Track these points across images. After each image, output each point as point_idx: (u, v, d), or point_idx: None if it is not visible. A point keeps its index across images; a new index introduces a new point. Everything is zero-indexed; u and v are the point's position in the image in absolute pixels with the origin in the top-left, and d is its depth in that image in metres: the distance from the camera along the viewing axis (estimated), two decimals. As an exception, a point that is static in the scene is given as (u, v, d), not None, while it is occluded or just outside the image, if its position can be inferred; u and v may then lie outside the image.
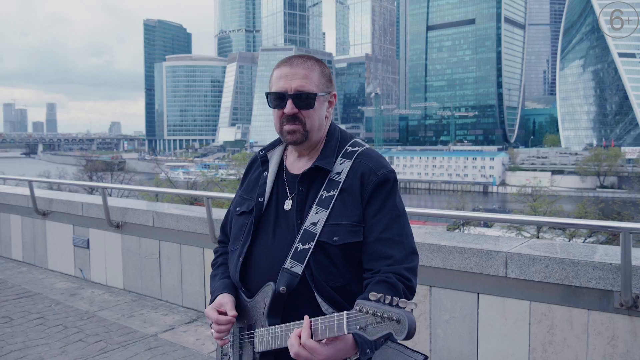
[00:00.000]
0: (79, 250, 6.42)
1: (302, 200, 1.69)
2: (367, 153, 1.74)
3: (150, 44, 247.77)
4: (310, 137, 1.72)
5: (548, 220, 4.61)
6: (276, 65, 1.79)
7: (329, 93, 1.77)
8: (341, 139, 1.79)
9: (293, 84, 1.69)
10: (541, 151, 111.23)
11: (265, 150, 1.89)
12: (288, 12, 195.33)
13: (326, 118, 1.77)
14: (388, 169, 1.70)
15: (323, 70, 1.76)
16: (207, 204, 4.75)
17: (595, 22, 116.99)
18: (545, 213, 31.12)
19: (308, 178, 1.71)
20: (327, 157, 1.72)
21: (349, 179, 1.67)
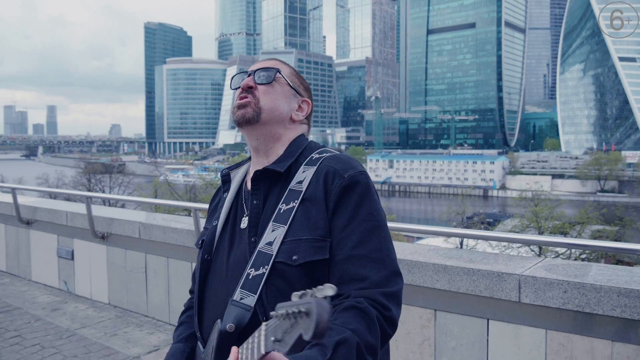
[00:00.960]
0: (63, 261, 6.11)
1: (256, 214, 1.45)
2: (334, 156, 1.49)
3: (151, 47, 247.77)
4: (262, 119, 1.53)
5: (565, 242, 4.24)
6: None
7: (298, 92, 1.62)
8: (307, 147, 1.58)
9: (259, 66, 1.61)
10: (541, 155, 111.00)
11: (228, 169, 1.69)
12: (289, 16, 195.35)
13: (292, 119, 1.59)
14: (357, 169, 1.44)
15: (295, 72, 1.67)
16: (194, 215, 4.44)
17: (596, 27, 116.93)
18: (547, 218, 30.82)
19: (262, 189, 1.48)
20: (282, 160, 1.51)
21: (311, 186, 1.42)
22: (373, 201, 1.41)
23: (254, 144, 1.57)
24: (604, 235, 29.92)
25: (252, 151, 1.62)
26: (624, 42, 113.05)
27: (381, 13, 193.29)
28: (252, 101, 1.52)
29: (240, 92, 1.56)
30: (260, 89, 1.54)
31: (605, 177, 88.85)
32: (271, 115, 1.53)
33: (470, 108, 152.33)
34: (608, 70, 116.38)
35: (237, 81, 1.60)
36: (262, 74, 1.56)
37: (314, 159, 1.49)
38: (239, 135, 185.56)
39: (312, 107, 1.67)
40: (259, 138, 1.55)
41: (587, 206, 32.37)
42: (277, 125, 1.56)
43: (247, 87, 1.55)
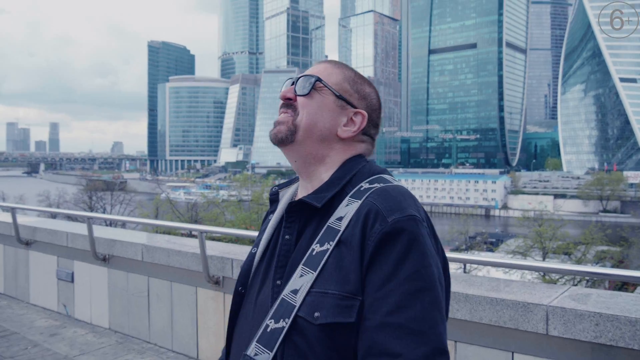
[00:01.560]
0: (62, 284, 5.92)
1: (286, 252, 1.25)
2: (383, 191, 1.20)
3: (154, 65, 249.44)
4: (298, 139, 1.31)
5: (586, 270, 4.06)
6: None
7: (349, 103, 1.33)
8: (359, 173, 1.29)
9: (306, 72, 1.38)
10: (543, 175, 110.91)
11: (278, 187, 1.49)
12: (291, 35, 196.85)
13: (338, 136, 1.32)
14: (406, 212, 1.14)
15: (350, 76, 1.37)
16: (200, 238, 4.27)
17: (596, 48, 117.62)
18: (551, 238, 30.60)
19: (297, 222, 1.26)
20: (324, 190, 1.26)
21: (350, 227, 1.16)
22: (422, 256, 1.11)
23: (294, 167, 1.37)
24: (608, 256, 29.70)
25: (297, 174, 1.41)
26: (625, 63, 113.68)
27: (383, 33, 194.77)
28: (287, 119, 1.32)
29: (280, 105, 1.37)
30: (299, 101, 1.32)
31: (607, 197, 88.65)
32: (308, 134, 1.30)
33: (471, 127, 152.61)
34: (609, 91, 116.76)
35: (283, 88, 1.39)
36: (302, 83, 1.33)
37: (362, 190, 1.22)
38: (241, 153, 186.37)
39: (373, 120, 1.38)
40: (297, 160, 1.34)
41: (591, 226, 32.12)
42: (317, 145, 1.31)
43: (285, 98, 1.34)
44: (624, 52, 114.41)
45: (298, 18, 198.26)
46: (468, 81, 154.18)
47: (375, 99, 1.38)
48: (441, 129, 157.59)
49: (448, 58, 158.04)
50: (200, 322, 4.58)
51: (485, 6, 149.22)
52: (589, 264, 28.02)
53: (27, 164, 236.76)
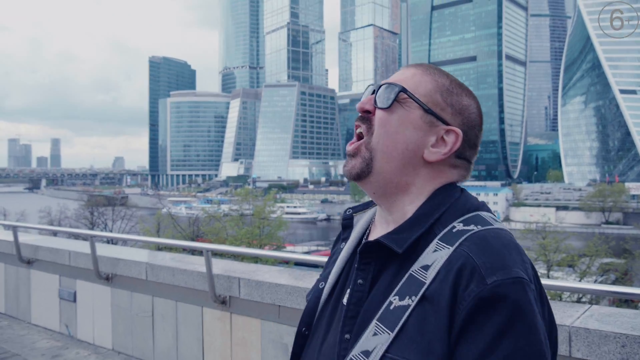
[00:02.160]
0: (65, 303, 5.80)
1: (357, 301, 1.04)
2: (482, 238, 0.96)
3: (155, 80, 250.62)
4: (376, 169, 1.07)
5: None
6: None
7: (440, 119, 1.08)
8: (453, 206, 1.05)
9: (390, 78, 1.13)
10: (545, 187, 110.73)
11: (353, 211, 1.26)
12: (292, 49, 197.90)
13: (424, 159, 1.07)
14: (511, 274, 0.90)
15: (444, 85, 1.11)
16: (206, 257, 4.16)
17: (596, 60, 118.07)
18: (555, 251, 30.40)
19: (372, 265, 1.04)
20: (407, 230, 1.03)
21: (438, 281, 0.94)
22: (527, 330, 0.88)
23: (375, 200, 1.15)
24: (612, 268, 29.47)
25: (376, 204, 1.18)
26: (625, 74, 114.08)
27: (383, 47, 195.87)
28: (359, 146, 1.09)
29: (357, 118, 1.14)
30: (377, 115, 1.08)
31: (609, 209, 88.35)
32: (387, 159, 1.07)
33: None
34: (609, 103, 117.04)
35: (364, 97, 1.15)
36: (383, 93, 1.09)
37: (455, 233, 0.99)
38: (242, 167, 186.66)
39: (470, 139, 1.11)
40: (375, 192, 1.11)
41: (594, 239, 31.92)
42: (399, 171, 1.08)
43: (363, 110, 1.11)
44: (623, 63, 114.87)
45: (298, 32, 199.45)
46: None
47: (474, 113, 1.12)
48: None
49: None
50: (206, 343, 4.46)
51: (485, 19, 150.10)
52: (594, 276, 27.84)
53: (29, 180, 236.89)
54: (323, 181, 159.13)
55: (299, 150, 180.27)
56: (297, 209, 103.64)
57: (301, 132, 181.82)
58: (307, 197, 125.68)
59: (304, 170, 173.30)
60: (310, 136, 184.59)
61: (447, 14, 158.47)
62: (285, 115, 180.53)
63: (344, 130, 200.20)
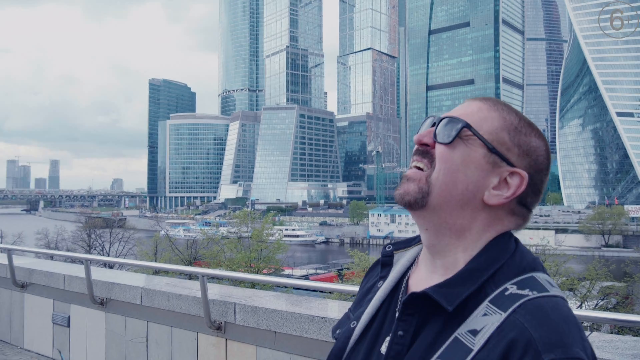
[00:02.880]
0: (58, 328, 5.72)
1: (398, 354, 0.96)
2: (539, 307, 0.88)
3: (155, 102, 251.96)
4: (431, 203, 1.01)
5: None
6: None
7: (505, 159, 1.00)
8: (508, 264, 0.97)
9: (454, 111, 1.07)
10: (544, 209, 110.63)
11: (394, 248, 1.19)
12: (291, 73, 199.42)
13: (484, 202, 1.00)
14: (570, 354, 0.82)
15: (512, 123, 1.03)
16: (202, 282, 4.11)
17: (592, 83, 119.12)
18: (555, 274, 30.22)
19: (416, 315, 0.98)
20: (458, 284, 0.96)
21: (486, 350, 0.86)
22: None
23: (423, 237, 1.07)
24: (613, 292, 29.30)
25: (423, 244, 1.10)
26: (621, 97, 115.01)
27: (381, 70, 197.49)
28: (419, 176, 1.02)
29: (415, 150, 1.07)
30: (438, 150, 1.02)
31: (609, 232, 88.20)
32: (445, 197, 1.00)
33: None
34: (606, 125, 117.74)
35: (421, 130, 1.09)
36: (445, 128, 1.02)
37: (508, 296, 0.91)
38: (241, 189, 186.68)
39: (535, 184, 1.03)
40: (428, 229, 1.04)
41: (594, 262, 31.79)
42: (457, 213, 1.01)
43: (421, 143, 1.05)
44: (619, 87, 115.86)
45: (297, 56, 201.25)
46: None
47: (542, 156, 1.03)
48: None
49: (446, 94, 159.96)
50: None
51: (482, 43, 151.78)
52: (594, 300, 27.68)
53: (27, 201, 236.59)
54: (322, 204, 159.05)
55: (298, 173, 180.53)
56: (296, 232, 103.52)
57: (300, 154, 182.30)
58: (305, 219, 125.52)
59: (302, 193, 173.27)
60: (309, 158, 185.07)
61: (445, 38, 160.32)
62: (284, 138, 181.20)
63: (343, 152, 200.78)
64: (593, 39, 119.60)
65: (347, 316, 1.17)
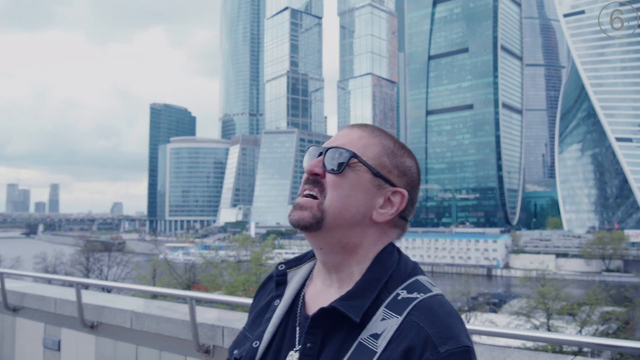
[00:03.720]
0: (49, 352, 5.70)
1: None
2: (430, 306, 1.02)
3: (155, 126, 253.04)
4: (326, 226, 1.09)
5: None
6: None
7: (388, 181, 1.11)
8: (396, 272, 1.09)
9: (337, 141, 1.13)
10: (544, 234, 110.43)
11: (286, 267, 1.26)
12: (291, 97, 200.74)
13: (372, 220, 1.11)
14: (460, 343, 0.97)
15: (390, 148, 1.14)
16: (190, 305, 4.12)
17: (591, 108, 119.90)
18: (554, 299, 30.06)
19: (323, 327, 1.06)
20: (359, 296, 1.05)
21: (389, 351, 0.97)
22: None
23: (318, 255, 1.16)
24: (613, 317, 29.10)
25: (318, 261, 1.19)
26: (620, 123, 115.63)
27: (381, 95, 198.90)
28: (311, 204, 1.09)
29: (305, 179, 1.14)
30: (328, 179, 1.10)
31: (609, 257, 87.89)
32: (339, 220, 1.08)
33: (470, 187, 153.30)
34: (605, 150, 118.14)
35: (308, 158, 1.16)
36: (333, 157, 1.10)
37: (400, 301, 1.03)
38: (241, 213, 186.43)
39: (411, 198, 1.16)
40: (323, 248, 1.13)
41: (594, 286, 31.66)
42: (350, 232, 1.10)
43: (313, 174, 1.12)
44: (618, 112, 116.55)
45: (298, 81, 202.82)
46: (466, 141, 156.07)
47: (415, 173, 1.17)
48: (440, 188, 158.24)
49: (445, 119, 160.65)
50: (189, 394, 4.36)
51: (481, 69, 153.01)
52: (594, 325, 27.48)
53: (26, 225, 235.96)
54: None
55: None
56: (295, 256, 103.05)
57: (300, 178, 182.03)
58: (305, 243, 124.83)
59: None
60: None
61: (444, 63, 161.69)
62: (284, 162, 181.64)
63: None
64: (591, 65, 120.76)
65: (243, 335, 1.21)
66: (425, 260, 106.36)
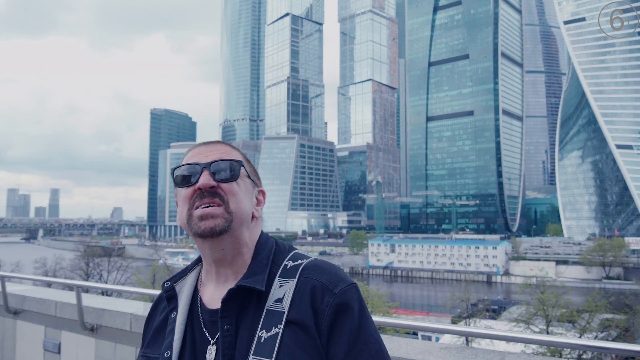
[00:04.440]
0: (49, 355, 5.74)
1: (230, 344, 1.18)
2: (316, 266, 1.25)
3: (156, 131, 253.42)
4: (235, 227, 1.27)
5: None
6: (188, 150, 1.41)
7: (255, 183, 1.39)
8: (276, 251, 1.34)
9: (210, 157, 1.30)
10: (544, 240, 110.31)
11: (172, 282, 1.37)
12: (291, 103, 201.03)
13: (254, 217, 1.35)
14: (348, 282, 1.21)
15: (244, 157, 1.40)
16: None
17: (591, 115, 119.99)
18: (554, 306, 30.02)
19: (234, 309, 1.22)
20: (256, 273, 1.25)
21: (295, 306, 1.17)
22: (370, 319, 1.20)
23: (217, 255, 1.30)
24: (613, 324, 29.03)
25: (212, 262, 1.32)
26: (620, 130, 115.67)
27: (381, 101, 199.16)
28: (221, 212, 1.25)
29: (196, 194, 1.27)
30: (225, 188, 1.28)
31: (610, 264, 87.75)
32: (240, 221, 1.29)
33: (470, 193, 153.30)
34: (606, 157, 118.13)
35: (186, 179, 1.31)
36: (223, 170, 1.29)
37: (290, 268, 1.25)
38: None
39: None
40: (225, 248, 1.28)
41: (594, 294, 31.62)
42: (243, 230, 1.31)
43: (209, 187, 1.27)
44: (618, 119, 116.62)
45: (298, 86, 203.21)
46: (466, 147, 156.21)
47: (257, 174, 1.46)
48: (440, 195, 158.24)
49: (446, 125, 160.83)
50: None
51: (481, 75, 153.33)
52: (594, 332, 27.42)
53: (26, 230, 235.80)
54: (322, 233, 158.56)
55: (298, 202, 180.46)
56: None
57: (300, 184, 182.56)
58: (305, 249, 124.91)
59: (302, 222, 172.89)
60: (309, 188, 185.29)
61: (444, 69, 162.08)
62: (284, 167, 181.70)
63: (343, 182, 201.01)
64: (591, 72, 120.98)
65: (146, 358, 1.33)
66: (425, 267, 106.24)
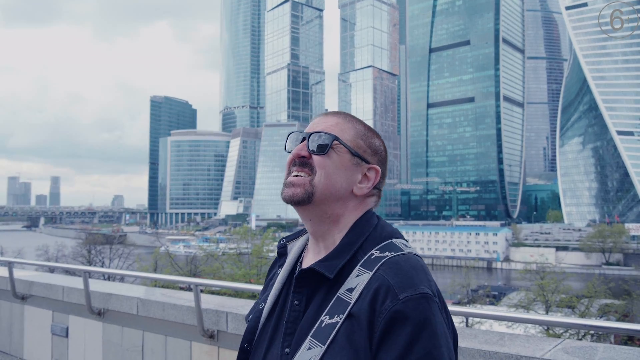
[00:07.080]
0: (57, 339, 5.86)
1: (294, 319, 1.22)
2: (395, 263, 1.17)
3: (156, 119, 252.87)
4: (315, 200, 1.27)
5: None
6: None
7: (364, 159, 1.32)
8: (372, 235, 1.27)
9: (318, 128, 1.33)
10: (544, 227, 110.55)
11: (286, 240, 1.48)
12: (292, 90, 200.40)
13: (353, 194, 1.31)
14: (418, 290, 1.12)
15: (362, 131, 1.36)
16: (195, 292, 4.27)
17: (593, 101, 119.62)
18: (553, 292, 30.23)
19: (306, 287, 1.25)
20: (335, 257, 1.24)
21: (360, 301, 1.14)
22: (433, 336, 1.08)
23: (307, 226, 1.35)
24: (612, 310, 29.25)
25: (310, 232, 1.38)
26: (621, 116, 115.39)
27: (382, 87, 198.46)
28: (304, 181, 1.28)
29: (292, 161, 1.33)
30: (315, 160, 1.29)
31: (609, 250, 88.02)
32: (326, 194, 1.28)
33: (471, 180, 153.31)
34: (607, 144, 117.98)
35: (291, 143, 1.37)
36: (317, 141, 1.30)
37: (373, 259, 1.20)
38: (241, 205, 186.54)
39: (382, 172, 1.36)
40: (312, 219, 1.32)
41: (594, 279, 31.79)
42: (334, 205, 1.29)
43: (300, 156, 1.31)
44: (619, 105, 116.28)
45: (298, 73, 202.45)
46: (467, 134, 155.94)
47: (384, 151, 1.38)
48: (441, 181, 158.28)
49: (446, 111, 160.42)
50: (194, 377, 4.51)
51: (482, 61, 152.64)
52: (593, 317, 27.60)
53: (27, 218, 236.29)
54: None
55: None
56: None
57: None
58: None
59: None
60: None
61: (445, 56, 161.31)
62: (285, 154, 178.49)
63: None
64: (593, 58, 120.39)
65: (257, 304, 1.40)
66: (425, 253, 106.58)
